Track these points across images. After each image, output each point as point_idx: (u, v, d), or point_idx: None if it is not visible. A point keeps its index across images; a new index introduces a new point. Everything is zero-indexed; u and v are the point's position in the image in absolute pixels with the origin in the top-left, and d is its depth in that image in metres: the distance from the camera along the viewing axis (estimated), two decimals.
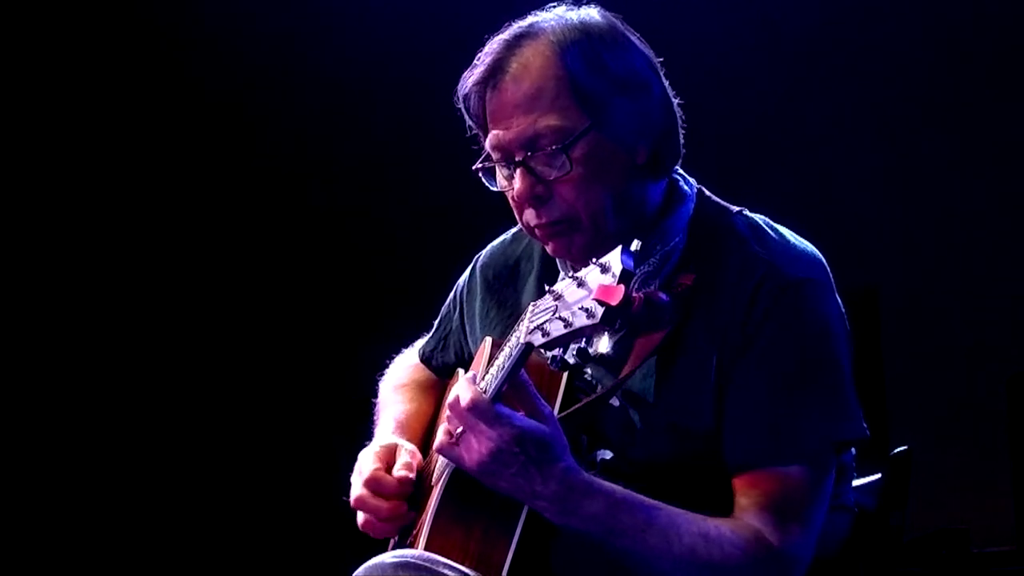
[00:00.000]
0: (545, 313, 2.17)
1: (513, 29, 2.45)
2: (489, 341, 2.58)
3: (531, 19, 2.46)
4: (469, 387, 2.30)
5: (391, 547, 2.59)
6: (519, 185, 2.42)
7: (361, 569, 2.35)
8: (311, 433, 5.52)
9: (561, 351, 2.18)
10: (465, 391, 2.29)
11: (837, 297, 2.47)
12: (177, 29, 5.54)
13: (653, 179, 2.48)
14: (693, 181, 2.57)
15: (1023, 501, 4.84)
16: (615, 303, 2.08)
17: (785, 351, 2.38)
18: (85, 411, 5.54)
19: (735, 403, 2.39)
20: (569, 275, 2.17)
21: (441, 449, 2.35)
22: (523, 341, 2.21)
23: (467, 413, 2.28)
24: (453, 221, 5.10)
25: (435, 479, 2.51)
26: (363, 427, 2.85)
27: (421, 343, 2.95)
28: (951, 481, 5.22)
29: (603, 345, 2.14)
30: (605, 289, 2.08)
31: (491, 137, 2.45)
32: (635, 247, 2.12)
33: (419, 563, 2.32)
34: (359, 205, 5.61)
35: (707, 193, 2.57)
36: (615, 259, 2.10)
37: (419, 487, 2.58)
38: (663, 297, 2.16)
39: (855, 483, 2.61)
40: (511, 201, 2.48)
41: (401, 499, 2.54)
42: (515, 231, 2.74)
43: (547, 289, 2.19)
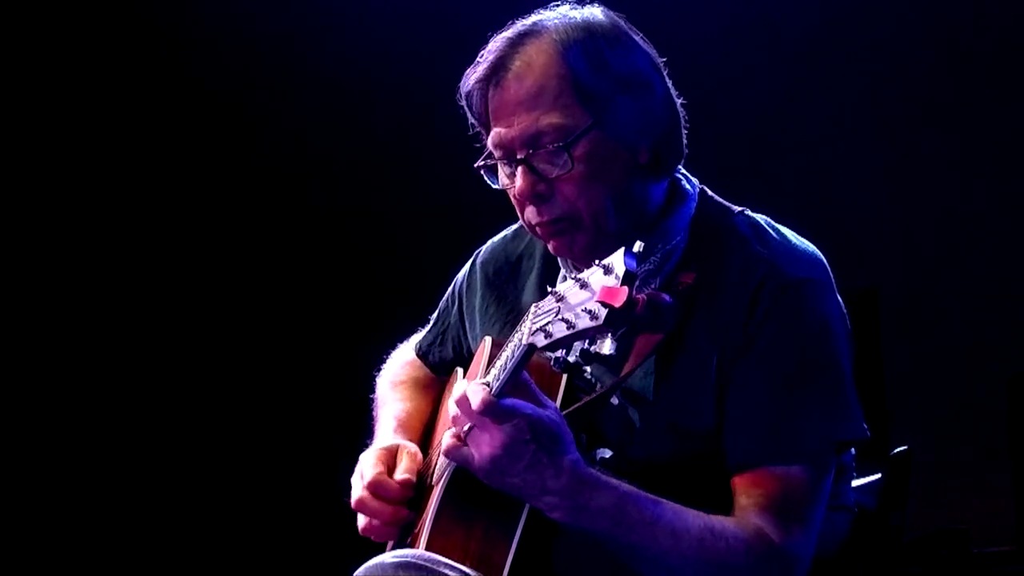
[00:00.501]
0: (548, 315, 2.17)
1: (516, 27, 2.45)
2: (489, 341, 2.57)
3: (534, 17, 2.47)
4: (475, 387, 2.28)
5: (391, 547, 2.59)
6: (520, 183, 2.42)
7: (361, 569, 2.35)
8: (311, 433, 5.52)
9: (564, 352, 2.18)
10: (471, 391, 2.28)
11: (838, 297, 2.47)
12: (177, 29, 5.54)
13: (655, 178, 2.48)
14: (695, 181, 2.57)
15: (1023, 501, 4.84)
16: (618, 305, 2.07)
17: (786, 351, 2.38)
18: (85, 411, 5.54)
19: (736, 403, 2.39)
20: (572, 276, 2.16)
21: (449, 453, 2.34)
22: (526, 343, 2.20)
23: (476, 412, 2.26)
24: (453, 220, 5.10)
25: (436, 479, 2.51)
26: (363, 427, 2.84)
27: (417, 338, 2.94)
28: (951, 481, 5.22)
29: (606, 347, 2.13)
30: (608, 291, 2.08)
31: (493, 135, 2.45)
32: (637, 248, 2.12)
33: (419, 563, 2.32)
34: (359, 204, 5.61)
35: (709, 193, 2.57)
36: (618, 260, 2.10)
37: (420, 487, 2.57)
38: (666, 299, 2.15)
39: (855, 483, 2.61)
40: (513, 199, 2.48)
41: (403, 503, 2.54)
42: (516, 228, 2.73)
43: (549, 291, 2.19)
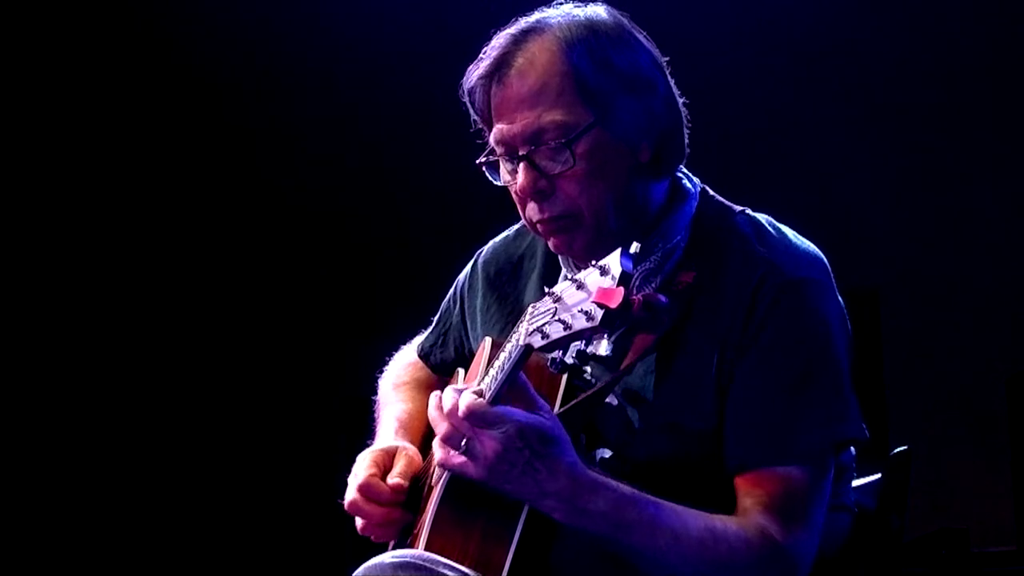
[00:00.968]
0: (544, 315, 2.17)
1: (520, 24, 2.45)
2: (489, 342, 2.57)
3: (538, 15, 2.46)
4: (464, 395, 2.28)
5: (390, 547, 2.59)
6: (522, 179, 2.42)
7: (361, 569, 2.34)
8: (311, 432, 5.52)
9: (561, 353, 2.18)
10: (461, 399, 2.27)
11: (838, 297, 2.47)
12: (177, 28, 5.54)
13: (656, 177, 2.48)
14: (697, 180, 2.56)
15: (1023, 501, 4.85)
16: (614, 306, 2.07)
17: (786, 351, 2.38)
18: (86, 411, 5.54)
19: (736, 403, 2.39)
20: (568, 277, 2.17)
21: (444, 463, 2.33)
22: (522, 343, 2.20)
23: (465, 420, 2.26)
24: (453, 219, 5.11)
25: (435, 479, 2.50)
26: (364, 426, 2.84)
27: (420, 339, 2.93)
28: (951, 481, 5.22)
29: (602, 347, 2.14)
30: (604, 292, 2.08)
31: (495, 131, 2.45)
32: (634, 249, 2.12)
33: (419, 563, 2.31)
34: (360, 204, 5.61)
35: (710, 192, 2.56)
36: (614, 261, 2.10)
37: (419, 488, 2.57)
38: (662, 299, 2.15)
39: (855, 483, 2.61)
40: (514, 196, 2.47)
41: (394, 506, 2.54)
42: (518, 227, 2.73)
43: (546, 291, 2.19)
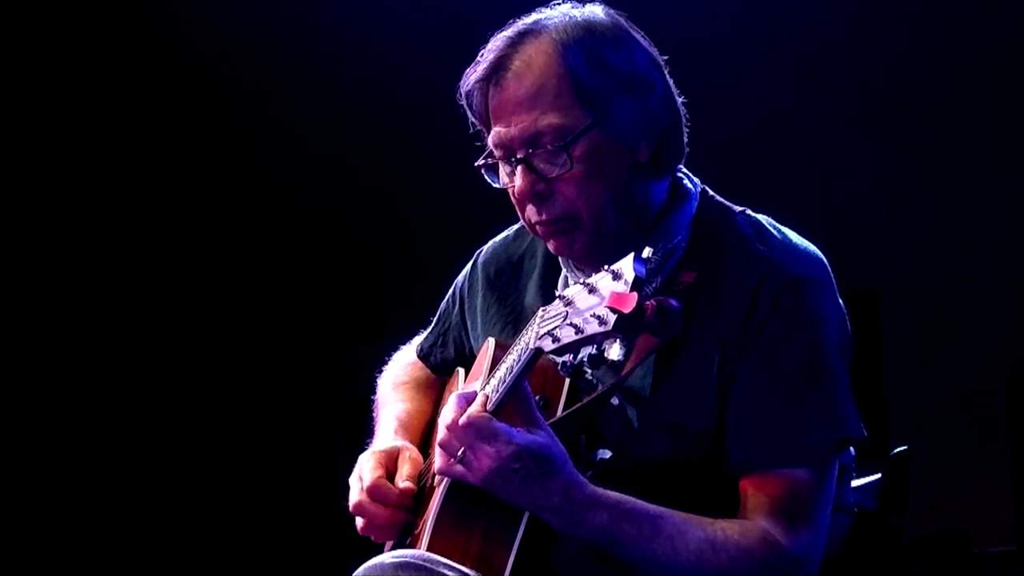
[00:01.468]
0: (555, 319, 2.16)
1: (517, 26, 2.45)
2: (492, 342, 2.56)
3: (535, 16, 2.46)
4: (469, 405, 2.29)
5: (391, 547, 2.59)
6: (520, 182, 2.42)
7: (361, 569, 2.35)
8: (311, 432, 5.52)
9: (571, 357, 2.18)
10: (465, 409, 2.29)
11: (839, 297, 2.47)
12: (177, 28, 5.54)
13: (655, 178, 2.47)
14: (697, 180, 2.56)
15: (1023, 501, 4.85)
16: (628, 311, 2.06)
17: (787, 350, 2.38)
18: (86, 411, 5.53)
19: (738, 404, 2.38)
20: (580, 281, 2.16)
21: (443, 470, 2.35)
22: (532, 347, 2.20)
23: (465, 431, 2.27)
24: (453, 219, 5.10)
25: (437, 480, 2.50)
26: (364, 426, 2.84)
27: (419, 339, 2.93)
28: (951, 481, 5.22)
29: (614, 352, 2.14)
30: (618, 297, 2.07)
31: (493, 134, 2.44)
32: (647, 254, 2.11)
33: (419, 563, 2.31)
34: (360, 204, 5.60)
35: (710, 192, 2.56)
36: (627, 266, 2.09)
37: (420, 489, 2.57)
38: (675, 304, 2.14)
39: (855, 483, 2.61)
40: (513, 198, 2.47)
41: (402, 508, 2.54)
42: (517, 228, 2.72)
43: (557, 295, 2.18)
